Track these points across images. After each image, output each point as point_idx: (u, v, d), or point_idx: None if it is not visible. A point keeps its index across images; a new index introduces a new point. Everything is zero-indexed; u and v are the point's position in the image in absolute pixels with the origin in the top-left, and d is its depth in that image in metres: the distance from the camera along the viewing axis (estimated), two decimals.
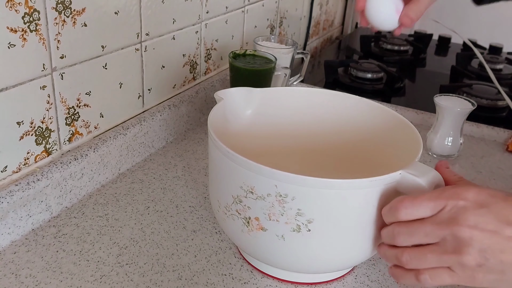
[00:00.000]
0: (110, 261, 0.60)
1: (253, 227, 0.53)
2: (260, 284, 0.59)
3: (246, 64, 0.84)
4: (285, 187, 0.49)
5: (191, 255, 0.62)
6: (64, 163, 0.67)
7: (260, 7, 1.10)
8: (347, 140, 0.68)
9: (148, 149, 0.83)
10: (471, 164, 0.88)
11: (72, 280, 0.57)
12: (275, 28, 1.21)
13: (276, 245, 0.52)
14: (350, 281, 0.61)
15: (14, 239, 0.62)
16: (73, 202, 0.70)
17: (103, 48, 0.71)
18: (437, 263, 0.45)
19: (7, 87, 0.59)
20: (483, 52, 1.41)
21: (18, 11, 0.58)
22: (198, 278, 0.59)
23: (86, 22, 0.67)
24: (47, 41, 0.62)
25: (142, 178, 0.77)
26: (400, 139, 0.60)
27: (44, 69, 0.63)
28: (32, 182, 0.63)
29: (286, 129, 0.70)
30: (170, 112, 0.86)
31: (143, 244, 0.64)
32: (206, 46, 0.95)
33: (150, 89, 0.83)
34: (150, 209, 0.70)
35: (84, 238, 0.64)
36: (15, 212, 0.61)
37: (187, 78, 0.92)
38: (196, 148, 0.87)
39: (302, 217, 0.50)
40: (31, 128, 0.64)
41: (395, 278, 0.49)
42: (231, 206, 0.54)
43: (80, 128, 0.71)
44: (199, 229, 0.67)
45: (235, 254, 0.63)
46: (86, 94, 0.71)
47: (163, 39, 0.83)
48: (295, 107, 0.69)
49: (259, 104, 0.67)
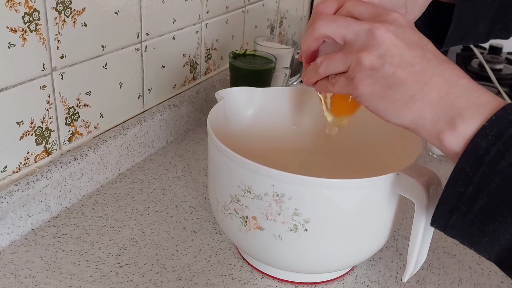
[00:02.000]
0: (110, 262, 0.60)
1: (250, 226, 0.53)
2: (260, 285, 0.59)
3: (246, 64, 0.84)
4: (282, 186, 0.49)
5: (191, 255, 0.62)
6: (64, 163, 0.67)
7: (260, 7, 1.10)
8: (347, 140, 0.68)
9: (148, 149, 0.83)
10: None
11: (72, 281, 0.57)
12: (275, 28, 1.21)
13: (273, 245, 0.52)
14: (350, 281, 0.61)
15: (13, 239, 0.62)
16: (73, 202, 0.70)
17: (103, 48, 0.71)
18: (343, 64, 0.45)
19: (7, 87, 0.59)
20: (483, 52, 1.41)
21: (18, 11, 0.58)
22: (198, 278, 0.59)
23: (86, 22, 0.67)
24: (47, 41, 0.62)
25: (142, 178, 0.77)
26: (400, 140, 0.60)
27: (44, 69, 0.63)
28: (31, 182, 0.63)
29: (286, 129, 0.70)
30: (170, 112, 0.86)
31: (143, 244, 0.64)
32: (206, 46, 0.95)
33: (150, 89, 0.83)
34: (150, 209, 0.70)
35: (84, 238, 0.64)
36: (14, 212, 0.61)
37: (187, 78, 0.92)
38: (196, 148, 0.87)
39: (299, 217, 0.50)
40: (31, 128, 0.64)
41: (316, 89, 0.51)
42: (229, 205, 0.54)
43: (80, 128, 0.72)
44: (199, 230, 0.67)
45: (235, 255, 0.63)
46: (86, 94, 0.71)
47: (163, 39, 0.83)
48: (295, 107, 0.69)
49: (260, 104, 0.67)
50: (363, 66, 0.43)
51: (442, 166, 0.86)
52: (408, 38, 0.44)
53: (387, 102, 0.44)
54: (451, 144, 0.41)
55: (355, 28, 0.45)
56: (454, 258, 0.66)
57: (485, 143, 0.39)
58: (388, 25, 0.44)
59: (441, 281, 0.62)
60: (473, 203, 0.41)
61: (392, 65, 0.43)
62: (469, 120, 0.41)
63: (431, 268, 0.64)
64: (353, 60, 0.44)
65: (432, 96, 0.42)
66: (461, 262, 0.65)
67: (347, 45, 0.46)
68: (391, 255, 0.65)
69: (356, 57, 0.44)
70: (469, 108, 0.41)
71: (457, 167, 0.40)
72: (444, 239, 0.68)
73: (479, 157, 0.39)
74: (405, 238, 0.68)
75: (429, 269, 0.63)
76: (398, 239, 0.68)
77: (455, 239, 0.44)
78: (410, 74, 0.42)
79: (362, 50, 0.44)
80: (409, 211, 0.73)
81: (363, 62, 0.43)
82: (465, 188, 0.40)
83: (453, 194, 0.41)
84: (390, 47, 0.43)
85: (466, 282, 0.62)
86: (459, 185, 0.41)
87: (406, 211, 0.73)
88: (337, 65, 0.46)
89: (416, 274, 0.62)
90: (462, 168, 0.40)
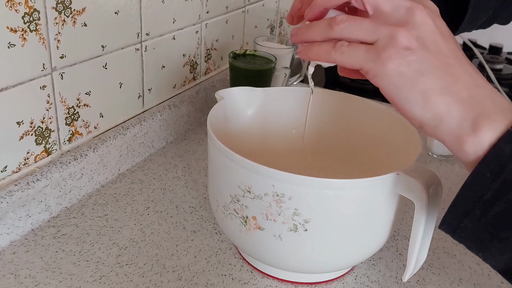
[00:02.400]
0: (110, 262, 0.60)
1: (250, 226, 0.53)
2: (260, 285, 0.59)
3: (246, 64, 0.84)
4: (282, 186, 0.49)
5: (191, 255, 0.62)
6: (64, 163, 0.67)
7: (260, 7, 1.10)
8: (347, 140, 0.68)
9: (148, 149, 0.83)
10: None
11: (72, 281, 0.57)
12: (275, 28, 1.21)
13: (274, 245, 0.52)
14: (350, 281, 0.61)
15: (13, 239, 0.62)
16: (73, 202, 0.70)
17: (103, 48, 0.71)
18: (371, 33, 0.40)
19: (7, 87, 0.59)
20: (483, 52, 1.41)
21: (18, 11, 0.58)
22: (198, 278, 0.59)
23: (86, 22, 0.67)
24: (47, 41, 0.62)
25: (142, 179, 0.77)
26: (400, 140, 0.60)
27: (44, 69, 0.63)
28: (31, 182, 0.63)
29: (286, 129, 0.70)
30: (170, 112, 0.86)
31: (143, 244, 0.64)
32: (206, 46, 0.95)
33: (150, 89, 0.83)
34: (150, 209, 0.70)
35: (84, 238, 0.64)
36: (14, 212, 0.61)
37: (187, 78, 0.92)
38: (197, 148, 0.87)
39: (299, 217, 0.50)
40: (31, 128, 0.64)
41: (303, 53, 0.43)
42: (229, 205, 0.54)
43: (80, 128, 0.72)
44: (199, 230, 0.67)
45: (235, 255, 0.63)
46: (86, 94, 0.71)
47: (163, 39, 0.83)
48: (295, 107, 0.69)
49: (260, 104, 0.67)
50: (398, 43, 0.39)
51: (442, 166, 0.86)
52: (442, 28, 0.41)
53: (416, 89, 0.40)
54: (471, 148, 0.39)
55: (396, 1, 0.40)
56: (454, 258, 0.66)
57: (509, 149, 0.38)
58: (428, 10, 0.41)
59: (441, 281, 0.62)
60: (489, 208, 0.39)
61: (428, 51, 0.39)
62: (495, 122, 0.39)
63: (431, 268, 0.63)
64: (386, 33, 0.39)
65: (463, 93, 0.40)
66: (461, 262, 0.65)
67: (378, 16, 0.41)
68: (391, 255, 0.65)
69: (391, 31, 0.39)
70: (495, 110, 0.39)
71: (475, 171, 0.39)
72: (444, 239, 0.68)
73: (502, 163, 0.38)
74: (405, 238, 0.68)
75: (429, 269, 0.63)
76: (398, 239, 0.68)
77: (462, 243, 0.43)
78: (444, 66, 0.40)
79: (399, 26, 0.39)
80: (409, 211, 0.73)
81: (398, 38, 0.39)
82: (482, 193, 0.39)
83: (469, 198, 0.40)
84: (429, 32, 0.40)
85: (466, 282, 0.62)
86: (476, 189, 0.39)
87: (406, 211, 0.73)
88: (363, 31, 0.40)
89: (416, 274, 0.62)
90: (481, 173, 0.39)
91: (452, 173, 0.84)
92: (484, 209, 0.39)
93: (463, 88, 0.40)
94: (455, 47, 0.41)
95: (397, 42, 0.39)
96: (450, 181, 0.82)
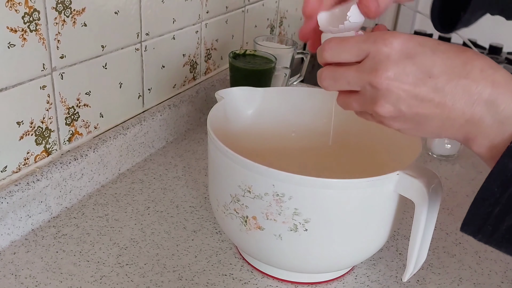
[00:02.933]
0: (110, 262, 0.60)
1: (250, 226, 0.53)
2: (260, 284, 0.59)
3: (246, 64, 0.84)
4: (282, 186, 0.49)
5: (191, 255, 0.62)
6: (64, 163, 0.67)
7: (260, 7, 1.10)
8: (346, 140, 0.68)
9: (148, 149, 0.83)
10: (471, 164, 0.87)
11: (72, 281, 0.57)
12: (275, 28, 1.21)
13: (274, 244, 0.52)
14: (350, 281, 0.61)
15: (13, 239, 0.62)
16: (73, 203, 0.70)
17: (103, 48, 0.71)
18: (361, 109, 0.45)
19: (7, 87, 0.59)
20: (483, 52, 1.41)
21: (18, 11, 0.58)
22: (198, 278, 0.59)
23: (86, 22, 0.67)
24: (47, 41, 0.62)
25: (142, 178, 0.77)
26: (400, 140, 0.60)
27: (44, 69, 0.63)
28: (31, 182, 0.63)
29: (286, 129, 0.70)
30: (170, 112, 0.86)
31: (143, 244, 0.64)
32: (206, 46, 0.95)
33: (150, 89, 0.83)
34: (150, 209, 0.70)
35: (84, 238, 0.64)
36: (14, 212, 0.61)
37: (187, 78, 0.92)
38: (197, 148, 0.87)
39: (299, 216, 0.50)
40: (31, 128, 0.64)
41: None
42: (229, 205, 0.54)
43: (80, 128, 0.72)
44: (199, 230, 0.67)
45: (235, 255, 0.63)
46: (86, 94, 0.71)
47: (163, 39, 0.83)
48: (295, 107, 0.69)
49: (260, 104, 0.67)
50: (383, 117, 0.43)
51: (442, 166, 0.86)
52: (411, 73, 0.41)
53: (421, 133, 0.44)
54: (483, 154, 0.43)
55: (356, 82, 0.43)
56: (454, 258, 0.66)
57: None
58: (384, 71, 0.41)
59: (441, 281, 0.62)
60: (499, 223, 0.41)
61: (411, 108, 0.42)
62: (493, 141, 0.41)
63: (431, 268, 0.64)
64: (371, 111, 0.44)
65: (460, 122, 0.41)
66: (461, 262, 0.65)
67: (358, 95, 0.44)
68: (391, 255, 0.65)
69: (371, 109, 0.43)
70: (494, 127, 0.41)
71: (483, 187, 0.40)
72: (444, 239, 0.68)
73: (507, 178, 0.39)
74: (405, 238, 0.68)
75: (429, 269, 0.63)
76: (398, 239, 0.68)
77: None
78: (432, 108, 0.41)
79: (374, 104, 0.43)
80: (409, 211, 0.73)
81: (381, 114, 0.43)
82: (492, 207, 0.40)
83: (480, 215, 0.41)
84: (400, 93, 0.41)
85: (466, 282, 0.62)
86: (487, 205, 0.41)
87: (406, 211, 0.73)
88: (354, 109, 0.46)
89: (416, 274, 0.62)
90: (490, 188, 0.40)
91: (452, 173, 0.84)
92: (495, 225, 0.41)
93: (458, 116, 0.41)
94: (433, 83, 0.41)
95: (382, 117, 0.43)
96: (450, 181, 0.82)
